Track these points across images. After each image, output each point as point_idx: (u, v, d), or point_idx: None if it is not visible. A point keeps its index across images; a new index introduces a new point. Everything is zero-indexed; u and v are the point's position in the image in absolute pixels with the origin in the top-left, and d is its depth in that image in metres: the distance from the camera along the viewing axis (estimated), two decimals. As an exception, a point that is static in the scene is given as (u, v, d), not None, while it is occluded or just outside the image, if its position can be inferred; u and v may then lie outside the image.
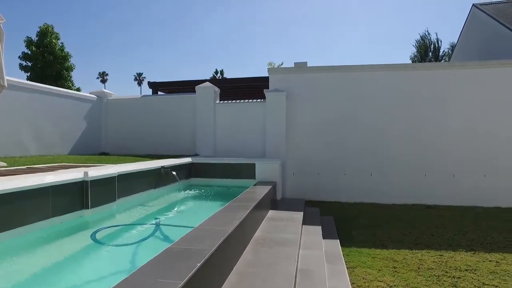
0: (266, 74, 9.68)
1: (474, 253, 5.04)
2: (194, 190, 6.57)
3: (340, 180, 9.06)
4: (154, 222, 4.09)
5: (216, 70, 28.18)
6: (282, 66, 27.63)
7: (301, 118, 9.19)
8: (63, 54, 21.99)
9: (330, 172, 9.11)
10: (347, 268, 4.39)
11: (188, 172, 7.51)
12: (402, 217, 7.34)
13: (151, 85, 11.82)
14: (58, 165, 5.48)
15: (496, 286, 3.98)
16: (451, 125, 8.53)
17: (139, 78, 75.70)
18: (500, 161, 8.30)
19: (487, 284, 4.02)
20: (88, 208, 4.07)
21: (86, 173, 4.06)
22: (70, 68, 22.60)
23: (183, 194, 6.34)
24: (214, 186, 7.25)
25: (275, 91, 9.14)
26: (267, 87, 9.40)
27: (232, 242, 3.25)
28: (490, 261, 4.76)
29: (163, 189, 6.21)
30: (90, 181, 4.09)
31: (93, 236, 3.36)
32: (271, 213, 5.91)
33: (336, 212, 7.77)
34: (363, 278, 4.16)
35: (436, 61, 26.81)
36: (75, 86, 23.08)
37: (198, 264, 2.28)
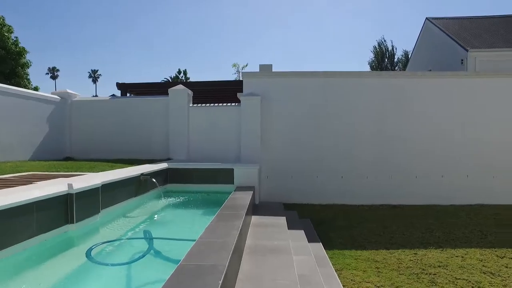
0: (231, 75, 9.80)
1: (442, 250, 5.52)
2: (174, 197, 6.43)
3: (312, 183, 9.35)
4: (147, 236, 3.94)
5: (179, 70, 27.47)
6: (247, 68, 27.82)
7: (274, 121, 9.34)
8: (17, 49, 19.99)
9: (302, 175, 9.37)
10: (335, 271, 4.59)
11: (164, 177, 7.31)
12: (373, 217, 7.78)
13: (120, 86, 11.26)
14: (29, 175, 5.05)
15: (466, 279, 4.41)
16: (413, 129, 9.20)
17: (94, 75, 71.27)
18: (454, 163, 9.12)
19: (459, 278, 4.44)
20: (73, 223, 3.83)
21: (70, 185, 3.82)
22: (26, 65, 20.62)
23: (164, 202, 6.18)
24: (192, 192, 7.13)
25: (250, 95, 9.20)
26: (239, 91, 9.46)
27: (234, 253, 3.27)
28: (456, 256, 5.25)
29: (143, 197, 6.01)
30: (75, 193, 3.85)
31: (88, 255, 3.17)
32: (254, 218, 5.97)
33: (311, 214, 8.00)
34: (352, 280, 4.38)
35: (391, 67, 28.72)
36: (32, 85, 21.11)
37: (220, 282, 2.28)
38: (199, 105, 9.45)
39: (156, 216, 5.51)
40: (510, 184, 9.05)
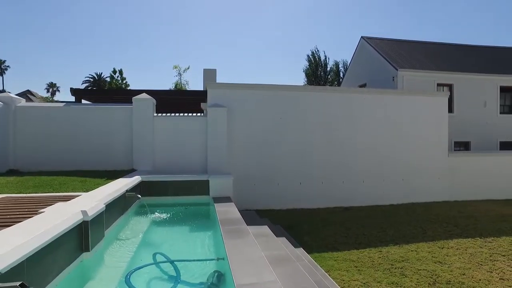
0: (172, 77, 9.85)
1: (399, 246, 6.60)
2: (159, 213, 6.35)
3: (273, 189, 9.97)
4: (166, 259, 3.99)
5: (114, 69, 25.35)
6: (188, 70, 27.40)
7: (237, 132, 9.71)
8: None
9: (264, 182, 9.93)
10: (325, 272, 5.21)
11: (137, 191, 7.13)
12: (332, 219, 8.70)
13: (75, 92, 10.24)
14: (8, 199, 4.54)
15: (425, 269, 5.45)
16: (359, 140, 10.48)
17: (0, 67, 61.08)
18: (393, 169, 10.67)
19: (420, 269, 5.46)
20: (89, 251, 3.73)
21: (85, 212, 3.71)
22: None
23: (150, 218, 6.09)
24: (169, 206, 7.05)
25: (216, 106, 9.41)
26: (197, 100, 9.57)
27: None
28: (411, 251, 6.35)
29: (127, 214, 5.86)
30: (90, 220, 3.75)
31: (128, 283, 3.18)
32: (240, 229, 6.29)
33: (277, 219, 8.55)
34: (342, 279, 5.05)
35: (325, 75, 31.31)
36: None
37: (288, 297, 2.65)
38: (164, 114, 9.30)
39: (154, 235, 5.45)
40: (431, 184, 10.94)
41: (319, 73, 30.71)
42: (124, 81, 25.38)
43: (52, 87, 59.68)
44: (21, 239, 2.65)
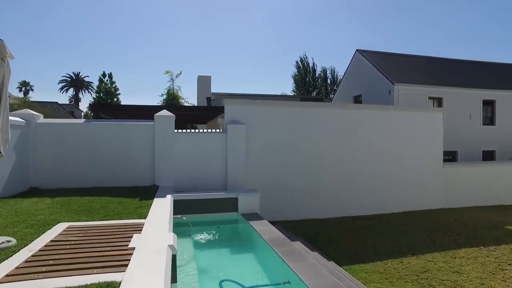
0: (164, 83, 9.97)
1: (417, 257, 7.27)
2: (200, 233, 6.66)
3: (287, 201, 10.46)
4: (242, 285, 4.36)
5: (104, 72, 24.86)
6: (181, 76, 27.37)
7: (252, 146, 10.09)
8: None
9: (278, 194, 10.39)
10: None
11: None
12: (346, 230, 9.32)
13: (92, 107, 10.15)
14: (72, 229, 4.69)
15: (448, 280, 6.14)
16: (364, 152, 11.18)
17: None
18: (395, 178, 11.46)
19: (443, 279, 6.13)
20: (176, 282, 4.04)
21: (173, 247, 4.01)
22: None
23: (194, 240, 6.39)
24: (199, 224, 7.29)
25: (234, 122, 9.74)
26: (205, 117, 9.85)
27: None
28: (429, 261, 7.04)
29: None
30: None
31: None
32: (275, 245, 6.71)
33: (295, 231, 9.04)
34: (380, 292, 5.61)
35: (314, 81, 32.23)
36: None
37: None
38: (184, 131, 9.52)
39: (199, 259, 5.73)
40: (428, 193, 11.84)
41: (307, 79, 31.59)
42: (114, 85, 24.95)
43: (25, 86, 56.83)
44: (155, 280, 2.97)
